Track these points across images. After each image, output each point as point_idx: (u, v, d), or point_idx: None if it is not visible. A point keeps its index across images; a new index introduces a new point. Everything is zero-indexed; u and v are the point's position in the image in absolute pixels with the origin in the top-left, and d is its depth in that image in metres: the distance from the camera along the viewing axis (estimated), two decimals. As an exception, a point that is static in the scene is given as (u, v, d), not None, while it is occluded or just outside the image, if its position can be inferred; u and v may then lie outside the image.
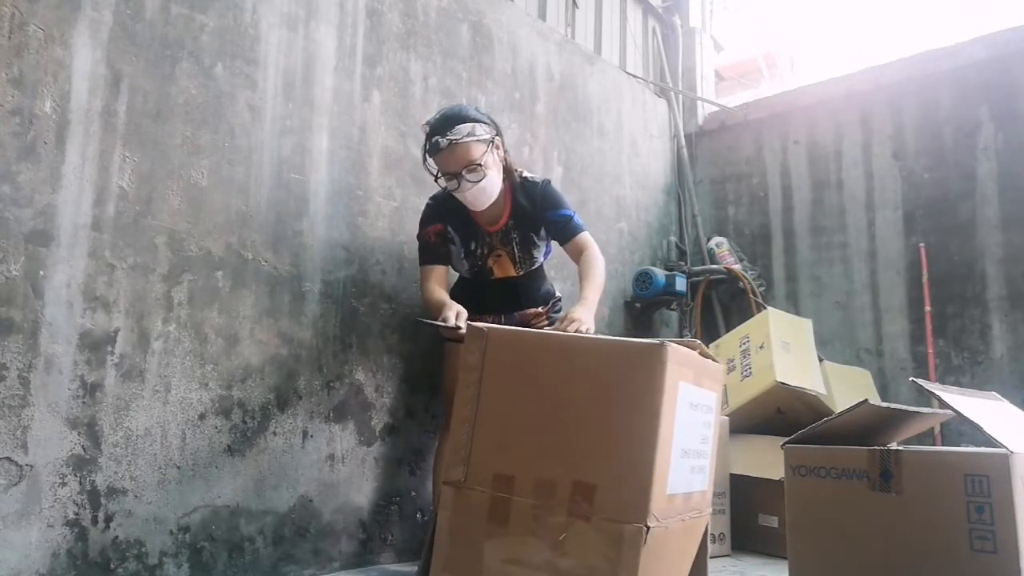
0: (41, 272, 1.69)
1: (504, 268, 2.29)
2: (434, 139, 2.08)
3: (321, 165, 2.31)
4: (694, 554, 1.70)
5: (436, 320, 2.01)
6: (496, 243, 2.26)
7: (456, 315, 1.98)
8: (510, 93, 3.08)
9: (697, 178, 4.29)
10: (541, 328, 2.26)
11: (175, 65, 1.98)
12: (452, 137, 2.06)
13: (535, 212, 2.24)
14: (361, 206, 2.41)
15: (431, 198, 2.30)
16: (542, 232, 2.29)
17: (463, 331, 1.88)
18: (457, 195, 2.13)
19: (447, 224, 2.24)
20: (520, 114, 3.12)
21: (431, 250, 2.24)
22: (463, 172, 2.07)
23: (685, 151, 4.27)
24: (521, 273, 2.30)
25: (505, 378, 1.53)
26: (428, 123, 2.15)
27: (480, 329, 1.57)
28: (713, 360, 1.69)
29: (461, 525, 1.49)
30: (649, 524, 1.33)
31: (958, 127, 3.40)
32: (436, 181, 2.16)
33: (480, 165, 2.08)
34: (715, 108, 4.41)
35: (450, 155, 2.07)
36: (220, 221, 2.04)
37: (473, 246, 2.26)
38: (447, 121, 2.09)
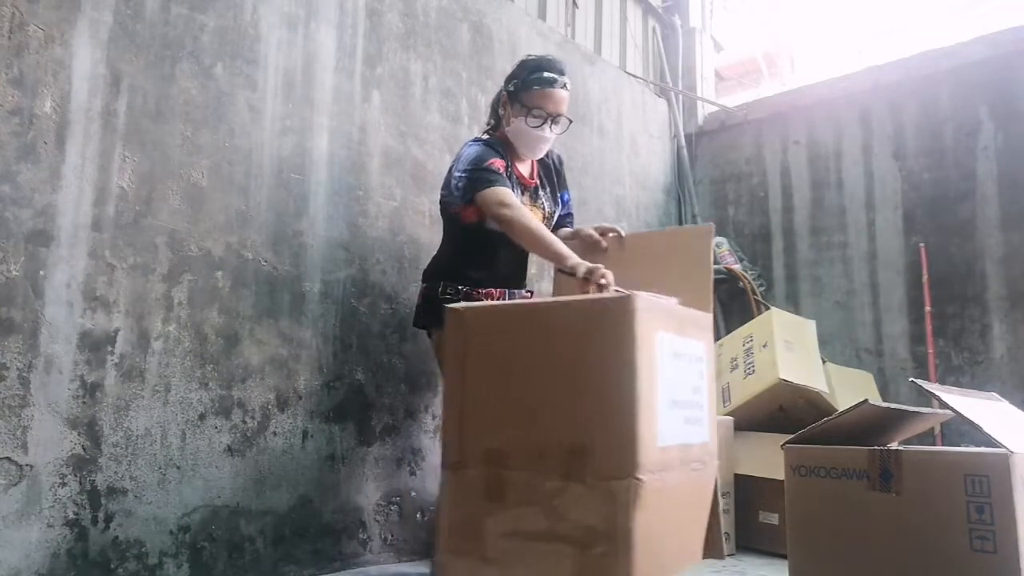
0: (41, 272, 1.69)
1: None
2: (548, 74, 2.08)
3: (321, 165, 2.31)
4: (706, 506, 1.65)
5: (569, 269, 1.80)
6: (528, 198, 2.21)
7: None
8: (510, 93, 3.08)
9: (697, 178, 4.28)
10: None
11: (175, 65, 1.98)
12: (567, 81, 2.10)
13: (558, 178, 2.33)
14: (361, 206, 2.41)
15: (477, 140, 2.14)
16: (557, 197, 2.34)
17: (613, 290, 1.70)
18: (534, 132, 2.10)
19: (506, 161, 2.11)
20: (520, 114, 3.11)
21: (501, 176, 2.01)
22: (553, 119, 2.10)
23: (685, 151, 4.27)
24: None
25: (489, 356, 1.51)
26: (532, 57, 2.15)
27: (459, 312, 1.54)
28: (700, 311, 1.63)
29: (460, 505, 1.47)
30: (641, 477, 1.30)
31: (958, 127, 3.40)
32: (504, 117, 2.14)
33: (564, 119, 2.13)
34: (715, 108, 4.40)
35: (559, 96, 2.10)
36: (220, 221, 2.04)
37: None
38: (559, 66, 2.11)
